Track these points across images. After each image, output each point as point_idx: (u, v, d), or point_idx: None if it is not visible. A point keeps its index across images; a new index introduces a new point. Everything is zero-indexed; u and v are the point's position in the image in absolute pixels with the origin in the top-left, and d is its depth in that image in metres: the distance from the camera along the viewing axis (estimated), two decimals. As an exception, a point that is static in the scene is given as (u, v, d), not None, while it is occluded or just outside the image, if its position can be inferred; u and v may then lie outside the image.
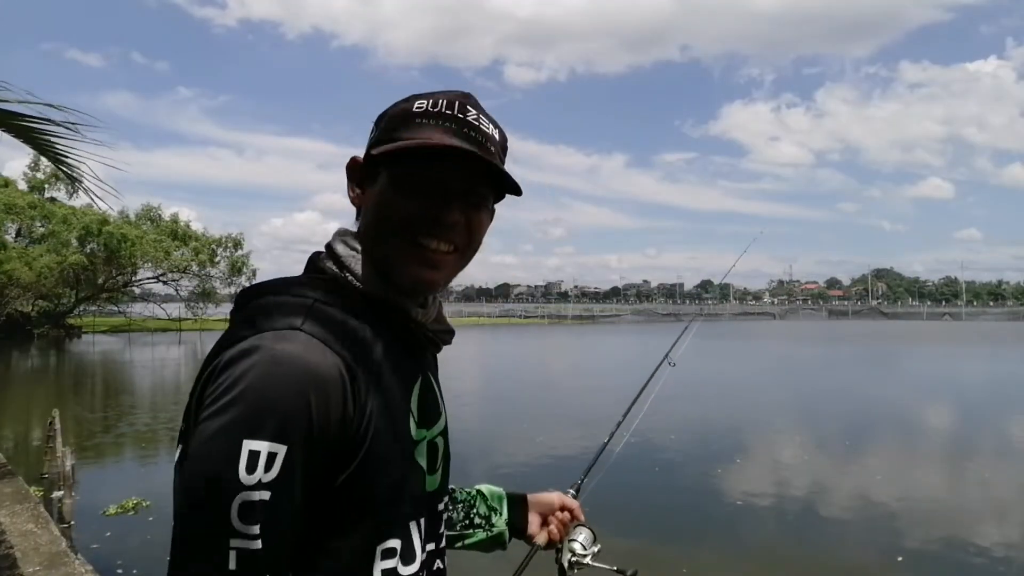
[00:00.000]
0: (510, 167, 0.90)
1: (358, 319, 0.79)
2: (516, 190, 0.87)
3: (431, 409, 0.89)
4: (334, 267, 0.85)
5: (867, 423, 13.22)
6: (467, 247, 0.87)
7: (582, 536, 1.28)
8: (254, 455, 0.65)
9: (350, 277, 0.84)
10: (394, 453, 0.78)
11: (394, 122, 0.86)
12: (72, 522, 6.94)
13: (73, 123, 4.16)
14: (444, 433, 0.92)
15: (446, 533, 0.96)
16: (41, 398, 17.13)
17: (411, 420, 0.83)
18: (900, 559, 6.12)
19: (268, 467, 0.66)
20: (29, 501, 5.60)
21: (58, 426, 8.21)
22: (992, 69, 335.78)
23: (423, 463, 0.85)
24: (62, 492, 7.68)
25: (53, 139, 4.31)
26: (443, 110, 0.84)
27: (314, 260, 0.88)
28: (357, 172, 0.90)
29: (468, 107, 0.86)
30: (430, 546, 0.87)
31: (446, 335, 0.95)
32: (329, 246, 0.89)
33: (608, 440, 1.76)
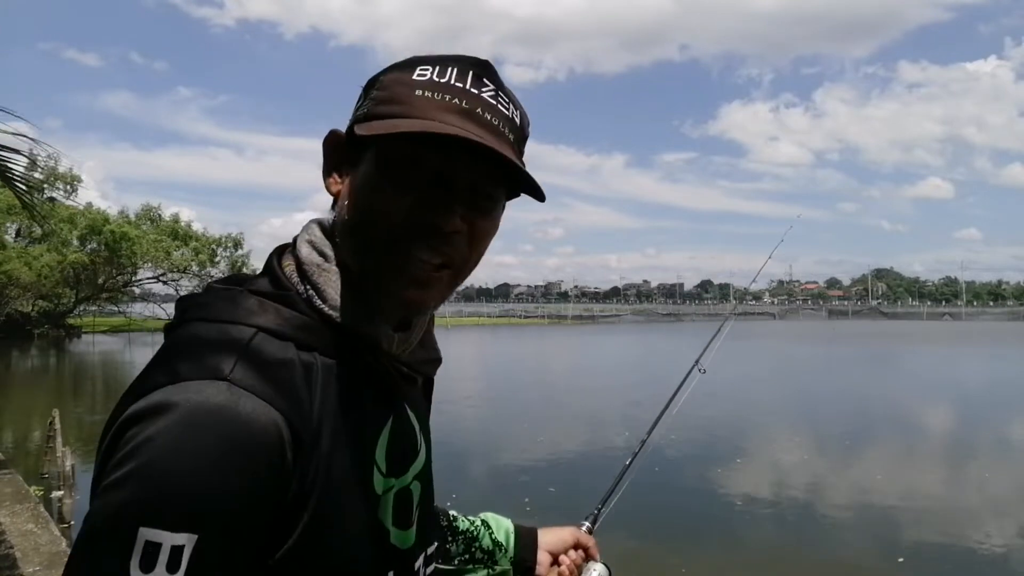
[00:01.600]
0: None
1: (313, 354, 0.64)
2: (537, 192, 0.70)
3: (404, 453, 0.74)
4: (295, 277, 0.69)
5: (868, 423, 13.22)
6: (465, 262, 0.70)
7: (595, 573, 1.17)
8: (152, 548, 0.51)
9: (312, 295, 0.68)
10: (347, 518, 0.64)
11: (388, 92, 0.68)
12: (72, 522, 6.95)
13: (33, 150, 4.07)
14: (423, 475, 0.78)
15: (442, 568, 0.86)
16: (41, 398, 17.13)
17: (375, 473, 0.69)
18: (901, 560, 6.12)
19: (172, 565, 0.51)
20: (29, 501, 5.60)
21: (58, 426, 8.22)
22: (991, 69, 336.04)
23: (387, 519, 0.70)
24: (62, 492, 7.69)
25: (13, 167, 4.26)
26: (452, 82, 0.67)
27: (272, 264, 0.71)
28: (337, 152, 0.72)
29: (484, 80, 0.68)
30: None
31: (428, 365, 0.79)
32: (295, 245, 0.73)
33: (631, 461, 1.56)
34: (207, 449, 0.54)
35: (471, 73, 0.68)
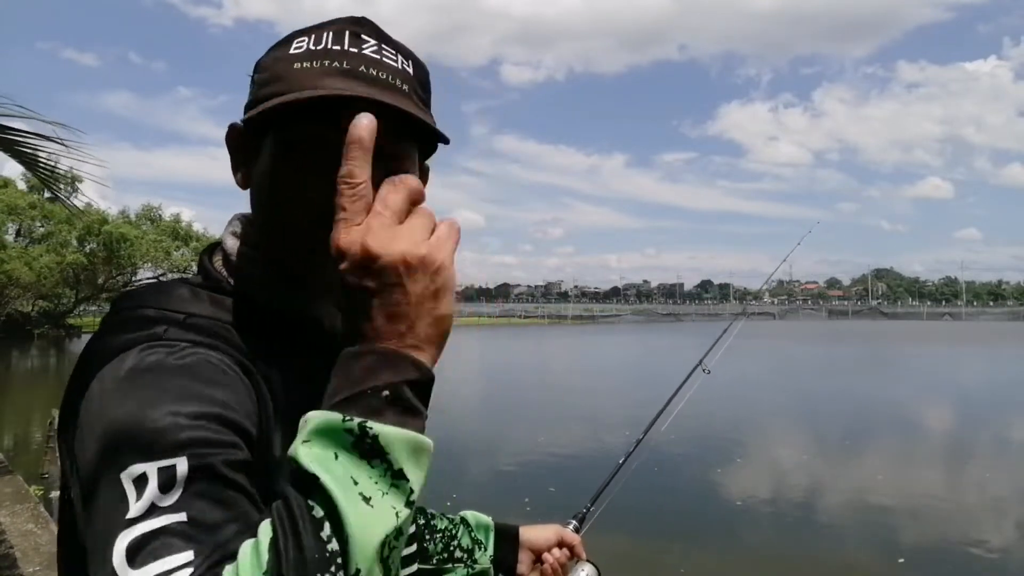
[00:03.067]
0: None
1: (251, 339, 0.62)
2: (441, 137, 0.67)
3: None
4: (224, 271, 0.68)
5: (869, 423, 13.21)
6: None
7: (583, 573, 1.14)
8: (141, 480, 0.49)
9: (243, 284, 0.66)
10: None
11: (268, 73, 0.65)
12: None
13: (60, 139, 4.12)
14: None
15: (420, 568, 0.83)
16: (41, 398, 17.12)
17: None
18: (902, 560, 6.12)
19: (165, 487, 0.49)
20: (29, 501, 5.60)
21: (58, 426, 8.21)
22: (990, 69, 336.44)
23: None
24: (62, 492, 7.68)
25: (39, 153, 4.28)
26: (329, 46, 0.63)
27: (203, 260, 0.70)
28: (239, 145, 0.69)
29: (363, 36, 0.64)
30: None
31: None
32: (222, 239, 0.71)
33: (624, 460, 1.50)
34: (164, 381, 0.53)
35: (348, 33, 0.64)
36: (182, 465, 0.49)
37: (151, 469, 0.49)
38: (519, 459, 9.90)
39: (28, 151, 4.23)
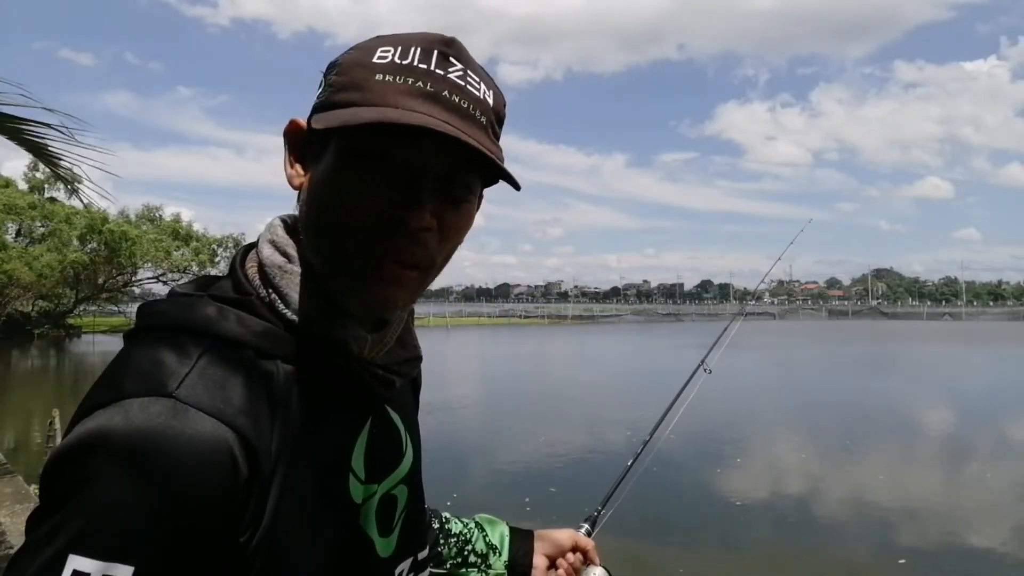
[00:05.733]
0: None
1: (275, 362, 0.60)
2: (511, 180, 0.65)
3: (386, 457, 0.71)
4: (257, 280, 0.64)
5: (869, 424, 13.21)
6: (435, 260, 0.65)
7: None
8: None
9: (275, 300, 0.63)
10: (320, 532, 0.60)
11: (347, 77, 0.62)
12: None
13: (67, 127, 4.14)
14: (409, 478, 0.74)
15: (434, 571, 0.83)
16: (41, 398, 17.13)
17: (351, 481, 0.65)
18: (902, 562, 6.11)
19: None
20: (29, 501, 5.59)
21: (58, 426, 8.20)
22: (989, 69, 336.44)
23: (371, 527, 0.67)
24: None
25: (48, 142, 4.30)
26: (416, 63, 0.61)
27: (235, 267, 0.67)
28: (298, 143, 0.67)
29: (451, 59, 0.62)
30: None
31: (406, 365, 0.72)
32: (258, 245, 0.68)
33: (632, 462, 1.50)
34: (147, 476, 0.50)
35: (436, 52, 0.62)
36: (125, 574, 0.47)
37: (96, 572, 0.47)
38: (519, 459, 9.90)
39: (35, 139, 4.24)
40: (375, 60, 0.61)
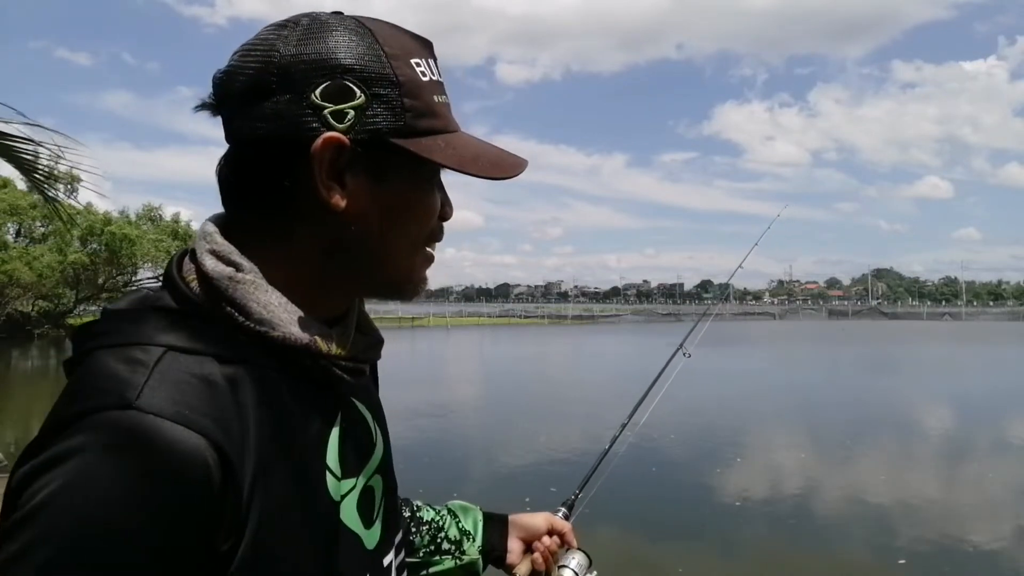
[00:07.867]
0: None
1: (237, 367, 0.57)
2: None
3: (359, 450, 0.70)
4: (199, 290, 0.61)
5: (870, 423, 13.19)
6: None
7: (574, 562, 1.09)
8: None
9: (232, 312, 0.60)
10: (301, 536, 0.59)
11: (420, 102, 0.62)
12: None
13: (57, 145, 4.09)
14: (382, 466, 0.74)
15: (408, 560, 0.83)
16: (41, 398, 17.11)
17: (329, 479, 0.63)
18: (902, 562, 6.10)
19: None
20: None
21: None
22: (987, 68, 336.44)
23: (354, 522, 0.66)
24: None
25: (34, 159, 4.25)
26: (435, 78, 0.66)
27: (172, 276, 0.62)
28: (340, 161, 0.61)
29: (438, 65, 0.69)
30: None
31: (371, 351, 0.72)
32: (195, 258, 0.63)
33: (609, 447, 1.49)
34: (115, 491, 0.47)
35: (433, 62, 0.67)
36: None
37: None
38: (520, 459, 9.88)
39: (25, 156, 4.21)
40: (422, 77, 0.63)
